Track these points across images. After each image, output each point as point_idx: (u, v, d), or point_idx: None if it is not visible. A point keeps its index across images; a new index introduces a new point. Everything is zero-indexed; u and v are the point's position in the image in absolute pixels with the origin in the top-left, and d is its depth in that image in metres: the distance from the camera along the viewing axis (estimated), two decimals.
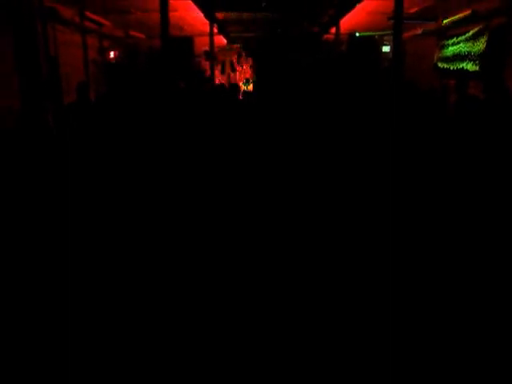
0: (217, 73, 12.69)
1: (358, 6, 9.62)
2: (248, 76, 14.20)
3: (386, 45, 13.15)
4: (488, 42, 8.54)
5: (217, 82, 11.83)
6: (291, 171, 4.82)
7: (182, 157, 4.95)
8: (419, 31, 11.90)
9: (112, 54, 11.75)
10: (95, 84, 10.14)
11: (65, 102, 8.01)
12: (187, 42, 12.59)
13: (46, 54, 7.39)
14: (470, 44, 9.26)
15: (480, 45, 8.78)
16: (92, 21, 9.96)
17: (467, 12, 9.15)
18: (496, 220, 3.78)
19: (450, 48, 10.33)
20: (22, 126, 5.32)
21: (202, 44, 12.78)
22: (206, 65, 12.39)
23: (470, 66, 9.23)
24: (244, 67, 14.18)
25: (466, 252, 3.42)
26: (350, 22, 11.33)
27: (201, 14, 9.93)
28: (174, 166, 4.81)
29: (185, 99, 6.80)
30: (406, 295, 2.95)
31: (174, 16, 8.64)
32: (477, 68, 8.92)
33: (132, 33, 12.75)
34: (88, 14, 9.48)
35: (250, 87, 13.58)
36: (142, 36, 13.20)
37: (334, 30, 12.03)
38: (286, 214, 4.15)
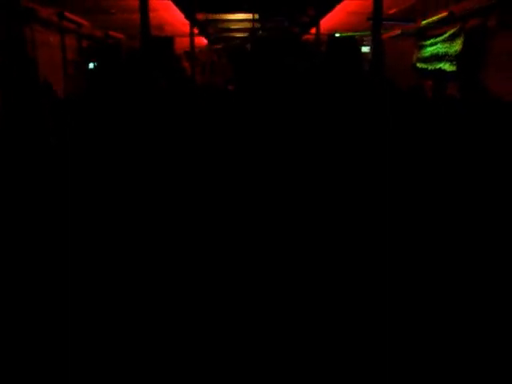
0: (197, 73, 12.66)
1: (338, 6, 9.72)
2: (228, 76, 14.19)
3: (365, 45, 13.28)
4: (464, 43, 8.71)
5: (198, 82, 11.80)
6: (276, 171, 4.83)
7: (166, 155, 4.94)
8: (398, 32, 12.05)
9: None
10: (74, 85, 10.03)
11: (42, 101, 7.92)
12: (168, 42, 12.52)
13: (24, 55, 7.29)
14: (447, 45, 9.42)
15: (457, 46, 8.94)
16: (71, 21, 9.85)
17: (444, 13, 9.31)
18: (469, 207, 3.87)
19: (428, 49, 10.50)
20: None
21: (182, 44, 12.74)
22: (187, 65, 12.36)
23: (447, 67, 9.40)
24: (224, 67, 14.16)
25: (456, 249, 3.48)
26: (330, 22, 11.43)
27: (181, 15, 9.91)
28: (158, 163, 4.79)
29: (167, 98, 6.77)
30: (405, 294, 2.98)
31: (154, 16, 8.61)
32: (454, 68, 9.08)
33: (112, 33, 12.65)
34: (67, 14, 9.37)
35: (230, 87, 13.56)
36: (122, 36, 13.12)
37: (314, 30, 12.13)
38: (277, 209, 4.16)
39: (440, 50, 9.75)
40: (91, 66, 10.57)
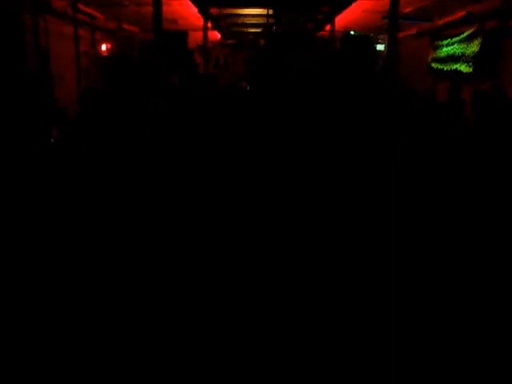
0: (210, 68, 12.60)
1: (354, 4, 9.60)
2: (241, 72, 14.12)
3: (380, 43, 13.14)
4: (482, 44, 8.56)
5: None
6: (284, 172, 4.79)
7: (178, 155, 4.91)
8: (414, 31, 11.90)
9: (104, 47, 11.63)
10: (86, 77, 10.04)
11: (56, 94, 7.93)
12: (181, 36, 12.47)
13: (37, 46, 7.30)
14: (463, 45, 9.27)
15: (474, 47, 8.80)
16: (85, 13, 9.85)
17: (462, 13, 9.16)
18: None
19: (444, 49, 10.34)
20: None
21: (195, 38, 12.69)
22: (200, 60, 12.30)
23: (463, 68, 9.25)
24: (238, 63, 14.09)
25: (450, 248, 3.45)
26: (345, 19, 11.30)
27: (195, 9, 9.85)
28: (169, 162, 4.77)
29: (178, 95, 6.74)
30: (406, 295, 2.95)
31: (168, 9, 8.57)
32: (470, 70, 8.94)
33: (125, 26, 12.63)
34: (81, 6, 9.37)
35: (244, 83, 13.50)
36: (136, 29, 13.09)
37: (328, 27, 12.01)
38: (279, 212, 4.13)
39: (457, 50, 9.61)
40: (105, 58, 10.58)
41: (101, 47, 11.61)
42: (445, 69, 10.32)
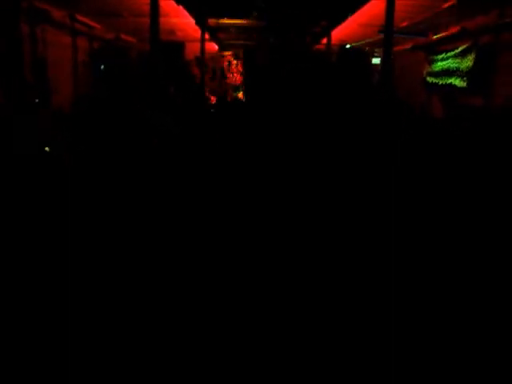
0: (207, 79, 12.67)
1: (350, 18, 9.71)
2: (238, 83, 14.21)
3: (376, 56, 13.27)
4: (476, 59, 8.66)
5: (206, 89, 11.81)
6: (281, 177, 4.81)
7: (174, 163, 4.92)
8: (409, 45, 12.02)
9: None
10: (84, 86, 10.08)
11: (53, 102, 7.95)
12: (178, 47, 12.57)
13: (34, 56, 7.33)
14: (458, 60, 9.37)
15: (468, 61, 8.89)
16: (82, 23, 9.90)
17: (456, 29, 9.28)
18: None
19: (439, 63, 10.45)
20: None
21: (193, 50, 12.77)
22: (197, 71, 12.37)
23: (457, 82, 9.35)
24: (234, 75, 14.19)
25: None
26: (341, 33, 11.42)
27: (193, 20, 9.93)
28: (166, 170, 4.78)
29: (174, 105, 6.77)
30: (405, 295, 2.97)
31: (165, 21, 8.63)
32: (464, 84, 9.03)
33: (123, 36, 12.70)
34: (78, 16, 9.42)
35: (240, 94, 13.59)
36: (133, 40, 13.17)
37: (325, 40, 12.13)
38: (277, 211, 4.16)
39: (451, 65, 9.71)
40: (100, 67, 10.63)
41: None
42: (439, 83, 10.42)
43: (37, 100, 6.98)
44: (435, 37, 10.46)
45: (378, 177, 4.70)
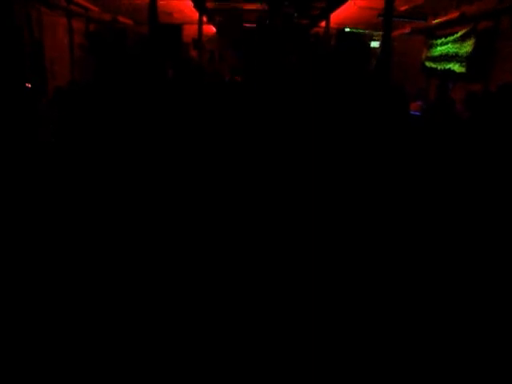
0: (204, 62, 12.55)
1: (350, 1, 9.61)
2: (235, 65, 14.09)
3: (375, 40, 13.15)
4: (475, 45, 8.61)
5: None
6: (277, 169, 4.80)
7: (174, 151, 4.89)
8: (408, 29, 11.92)
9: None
10: (81, 69, 9.96)
11: (49, 86, 7.88)
12: (176, 29, 12.42)
13: (31, 38, 7.24)
14: (457, 45, 9.31)
15: (467, 47, 8.84)
16: (78, 5, 9.77)
17: (456, 13, 9.20)
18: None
19: (438, 48, 10.38)
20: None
21: (191, 32, 12.63)
22: (194, 53, 12.27)
23: (456, 67, 9.30)
24: (232, 57, 14.06)
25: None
26: (340, 16, 11.30)
27: (190, 3, 9.82)
28: (165, 158, 4.75)
29: (173, 88, 6.70)
30: (405, 295, 2.98)
31: (163, 3, 8.54)
32: (463, 70, 8.99)
33: (120, 18, 12.53)
34: None
35: (238, 78, 13.47)
36: (130, 22, 12.99)
37: (323, 23, 12.00)
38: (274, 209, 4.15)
39: (450, 50, 9.65)
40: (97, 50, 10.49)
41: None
42: (438, 68, 10.36)
43: (29, 85, 6.90)
44: (435, 21, 10.38)
45: (375, 167, 4.70)
